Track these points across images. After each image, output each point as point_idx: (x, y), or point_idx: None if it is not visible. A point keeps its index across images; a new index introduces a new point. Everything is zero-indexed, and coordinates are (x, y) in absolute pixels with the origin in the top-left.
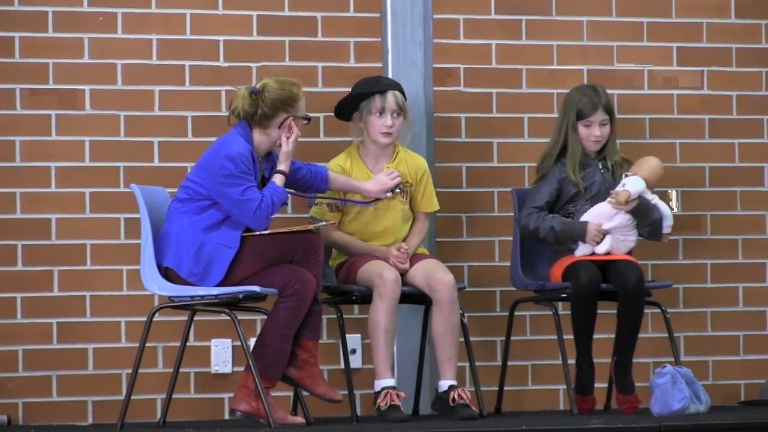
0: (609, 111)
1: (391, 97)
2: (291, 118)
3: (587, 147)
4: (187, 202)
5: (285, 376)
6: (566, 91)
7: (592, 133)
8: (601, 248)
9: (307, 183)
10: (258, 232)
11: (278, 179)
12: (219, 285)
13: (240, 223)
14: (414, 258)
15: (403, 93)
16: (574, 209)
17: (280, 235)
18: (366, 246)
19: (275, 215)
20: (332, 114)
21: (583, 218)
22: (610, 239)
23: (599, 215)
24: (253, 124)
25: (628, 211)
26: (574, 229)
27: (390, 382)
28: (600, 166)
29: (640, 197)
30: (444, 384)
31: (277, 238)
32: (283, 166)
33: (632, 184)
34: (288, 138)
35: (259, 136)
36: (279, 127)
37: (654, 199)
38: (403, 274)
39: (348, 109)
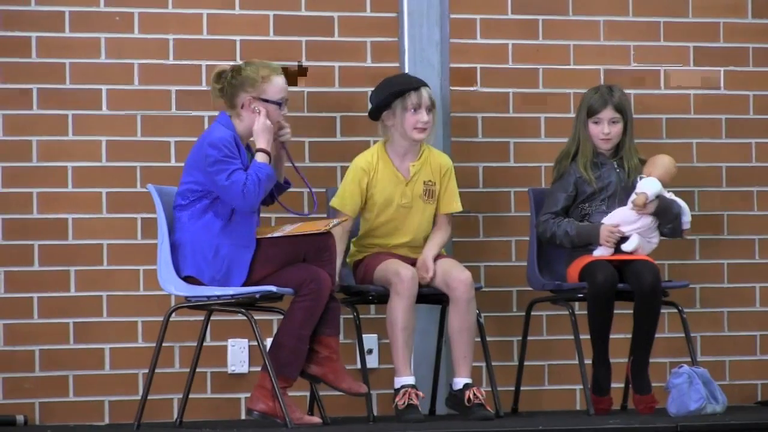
0: (620, 110)
1: (425, 92)
2: (251, 98)
3: (598, 145)
4: (188, 207)
5: (308, 374)
6: (583, 90)
7: (601, 130)
8: (629, 246)
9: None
10: (269, 235)
11: (259, 157)
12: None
13: (249, 217)
14: None
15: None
16: (590, 210)
17: (294, 237)
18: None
19: (290, 214)
20: (349, 114)
21: (604, 222)
22: (638, 238)
23: (622, 219)
24: (227, 107)
25: (651, 212)
26: (588, 232)
27: (409, 380)
28: (616, 166)
29: (659, 197)
30: (459, 382)
31: (289, 239)
32: (259, 143)
33: (648, 186)
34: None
35: (237, 122)
36: (242, 108)
37: (671, 196)
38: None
39: (377, 107)
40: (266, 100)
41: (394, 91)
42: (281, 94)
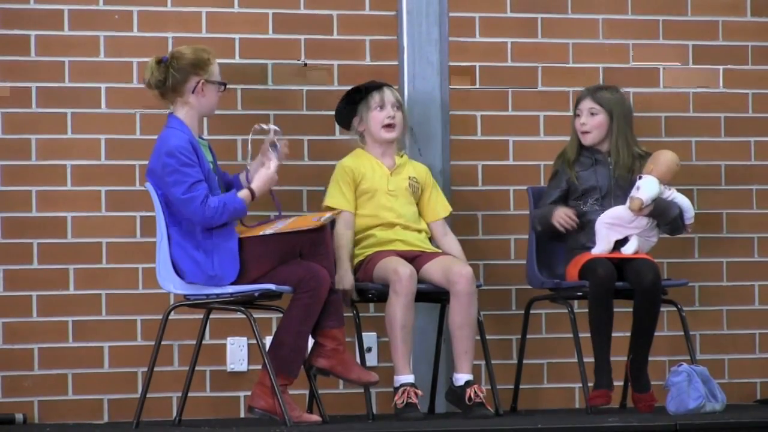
0: (601, 103)
1: (389, 91)
2: (203, 81)
3: (581, 139)
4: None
5: (317, 367)
6: (582, 89)
7: (579, 121)
8: (629, 249)
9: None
10: (261, 233)
11: (242, 193)
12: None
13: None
14: (430, 255)
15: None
16: (585, 209)
17: (287, 234)
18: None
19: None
20: None
21: (600, 221)
22: (637, 240)
23: (618, 219)
24: (168, 96)
25: (646, 215)
26: (546, 212)
27: (408, 378)
28: (610, 165)
29: (657, 199)
30: (460, 378)
31: (283, 235)
32: (253, 183)
33: (645, 191)
34: (272, 156)
35: (185, 112)
36: (193, 92)
37: (672, 194)
38: (418, 270)
39: (347, 118)
40: (217, 82)
41: (351, 92)
42: (221, 76)
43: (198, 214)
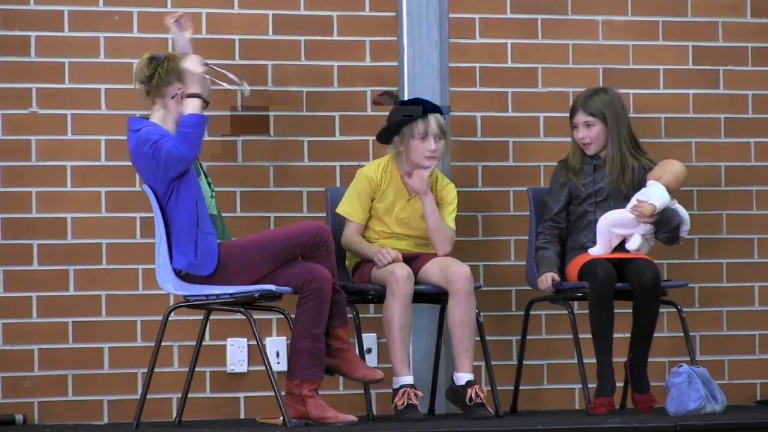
0: (594, 112)
1: (434, 120)
2: (184, 91)
3: (584, 150)
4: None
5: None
6: (582, 90)
7: (577, 135)
8: (632, 245)
9: None
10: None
11: (190, 106)
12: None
13: (204, 207)
14: (429, 256)
15: (442, 114)
16: (583, 209)
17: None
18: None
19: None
20: (348, 113)
21: (602, 223)
22: (640, 238)
23: (622, 222)
24: (151, 95)
25: (651, 222)
26: (539, 265)
27: (408, 379)
28: (608, 171)
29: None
30: (461, 377)
31: (284, 236)
32: (193, 89)
33: (658, 197)
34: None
35: (161, 115)
36: (172, 98)
37: (674, 204)
38: (417, 271)
39: (387, 132)
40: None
41: (399, 120)
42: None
43: (180, 151)
